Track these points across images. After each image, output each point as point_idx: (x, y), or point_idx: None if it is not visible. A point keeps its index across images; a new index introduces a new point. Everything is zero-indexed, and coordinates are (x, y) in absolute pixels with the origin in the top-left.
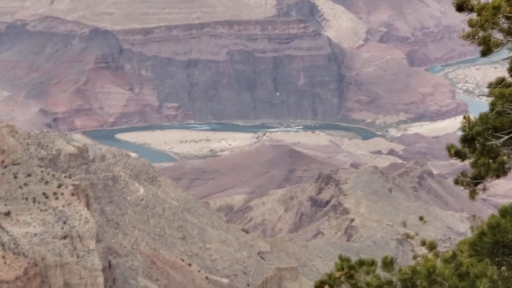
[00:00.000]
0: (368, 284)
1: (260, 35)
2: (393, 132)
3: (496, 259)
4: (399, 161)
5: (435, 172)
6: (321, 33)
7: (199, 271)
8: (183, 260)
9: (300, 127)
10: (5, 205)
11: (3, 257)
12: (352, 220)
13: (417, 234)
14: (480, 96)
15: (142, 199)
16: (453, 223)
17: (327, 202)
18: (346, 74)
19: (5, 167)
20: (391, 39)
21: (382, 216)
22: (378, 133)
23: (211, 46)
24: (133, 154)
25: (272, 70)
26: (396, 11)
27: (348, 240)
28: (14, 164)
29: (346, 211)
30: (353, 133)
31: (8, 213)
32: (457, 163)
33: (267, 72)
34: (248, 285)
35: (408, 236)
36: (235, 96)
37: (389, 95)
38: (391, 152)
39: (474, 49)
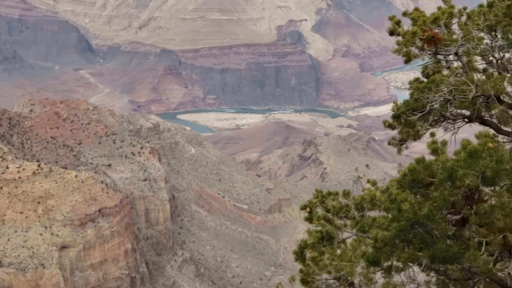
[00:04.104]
0: (333, 206)
1: (267, 52)
2: (350, 113)
3: (414, 190)
4: (354, 131)
5: (377, 138)
6: (305, 51)
7: (229, 201)
8: (219, 194)
9: (292, 110)
10: (108, 159)
11: (107, 192)
12: (325, 168)
13: (364, 176)
14: (405, 90)
15: (193, 156)
16: (388, 170)
17: (309, 157)
18: (321, 77)
19: (108, 136)
20: (349, 54)
21: (344, 166)
22: (341, 114)
23: (236, 59)
24: (188, 128)
25: (274, 74)
26: (352, 37)
27: (322, 181)
28: (113, 134)
29: (321, 163)
30: (325, 114)
31: (109, 165)
32: (391, 132)
33: (271, 76)
34: (260, 209)
35: (359, 177)
36: (251, 91)
37: (348, 90)
38: (349, 126)
39: (401, 60)
